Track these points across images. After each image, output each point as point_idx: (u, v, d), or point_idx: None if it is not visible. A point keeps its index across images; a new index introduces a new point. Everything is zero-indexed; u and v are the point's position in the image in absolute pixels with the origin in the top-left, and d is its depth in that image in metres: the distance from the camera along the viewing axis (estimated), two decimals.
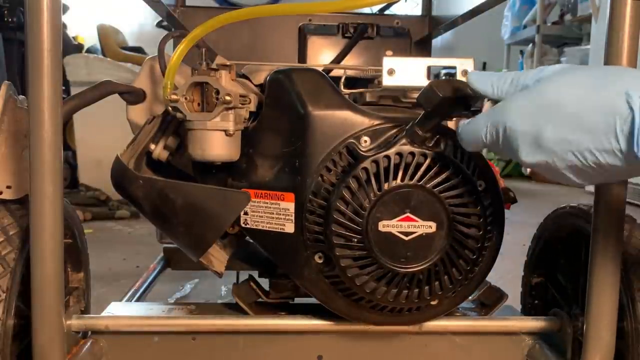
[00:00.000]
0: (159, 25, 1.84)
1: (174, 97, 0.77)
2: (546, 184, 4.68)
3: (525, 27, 5.22)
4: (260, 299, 0.90)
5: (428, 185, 0.75)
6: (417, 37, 1.52)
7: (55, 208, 0.74)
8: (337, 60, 1.33)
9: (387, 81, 0.81)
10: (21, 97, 0.90)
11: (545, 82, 0.58)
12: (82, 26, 4.75)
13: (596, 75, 0.56)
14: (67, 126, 3.23)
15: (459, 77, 0.81)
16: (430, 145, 0.75)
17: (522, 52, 5.33)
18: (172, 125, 0.88)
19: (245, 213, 0.83)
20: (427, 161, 0.75)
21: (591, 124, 0.54)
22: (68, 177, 3.35)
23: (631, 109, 0.51)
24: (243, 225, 0.84)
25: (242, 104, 0.82)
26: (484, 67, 5.12)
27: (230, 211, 0.83)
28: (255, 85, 0.93)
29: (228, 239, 0.91)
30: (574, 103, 0.55)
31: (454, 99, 0.69)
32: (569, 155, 0.55)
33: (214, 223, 0.83)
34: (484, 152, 0.73)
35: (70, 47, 3.72)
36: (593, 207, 0.78)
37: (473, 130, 0.64)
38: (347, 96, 0.83)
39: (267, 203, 0.82)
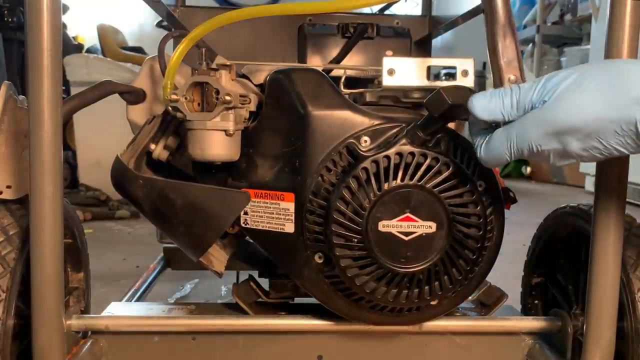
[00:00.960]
0: (159, 25, 1.83)
1: (174, 97, 0.77)
2: (546, 184, 4.68)
3: (525, 27, 5.23)
4: (260, 299, 0.90)
5: (428, 185, 0.75)
6: (417, 37, 1.52)
7: (55, 208, 0.74)
8: (337, 60, 1.32)
9: (387, 81, 0.81)
10: (21, 97, 0.90)
11: (554, 106, 0.60)
12: (82, 26, 4.75)
13: (604, 88, 0.58)
14: (67, 126, 3.23)
15: (459, 77, 0.81)
16: (430, 145, 0.75)
17: (522, 52, 5.32)
18: (172, 125, 0.88)
19: (245, 213, 0.83)
20: (427, 161, 0.75)
21: (613, 133, 0.58)
22: (68, 177, 3.35)
23: None
24: (243, 225, 0.84)
25: (242, 104, 0.82)
26: (483, 66, 5.11)
27: (230, 211, 0.83)
28: (255, 85, 0.93)
29: (228, 239, 0.91)
30: (591, 122, 0.58)
31: (462, 105, 0.69)
32: (597, 155, 0.60)
33: (214, 223, 0.82)
34: None
35: (70, 47, 3.72)
36: (593, 207, 0.78)
37: (494, 153, 0.66)
38: (347, 96, 0.83)
39: (267, 203, 0.82)
